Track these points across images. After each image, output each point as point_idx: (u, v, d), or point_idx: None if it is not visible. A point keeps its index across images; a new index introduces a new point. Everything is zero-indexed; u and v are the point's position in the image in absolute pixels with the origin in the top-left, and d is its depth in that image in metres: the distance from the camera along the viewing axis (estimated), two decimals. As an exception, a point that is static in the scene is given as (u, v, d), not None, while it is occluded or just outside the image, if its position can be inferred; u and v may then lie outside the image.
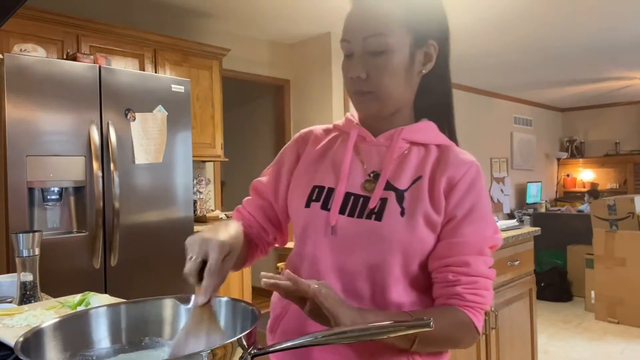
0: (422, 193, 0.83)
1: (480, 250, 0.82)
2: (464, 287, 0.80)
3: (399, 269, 0.82)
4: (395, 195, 0.83)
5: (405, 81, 0.85)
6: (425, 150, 0.88)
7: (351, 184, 0.87)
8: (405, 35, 0.82)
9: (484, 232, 0.83)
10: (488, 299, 0.82)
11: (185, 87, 2.93)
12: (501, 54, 5.29)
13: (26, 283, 1.16)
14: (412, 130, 0.88)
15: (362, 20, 0.83)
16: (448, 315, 0.80)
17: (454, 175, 0.83)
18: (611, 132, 8.70)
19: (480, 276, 0.81)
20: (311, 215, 0.88)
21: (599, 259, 4.36)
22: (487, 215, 0.84)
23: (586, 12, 4.02)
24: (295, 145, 0.99)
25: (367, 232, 0.82)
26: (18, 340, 0.63)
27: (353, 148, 0.90)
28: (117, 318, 0.79)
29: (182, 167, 2.91)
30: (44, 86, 2.41)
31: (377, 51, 0.82)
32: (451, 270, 0.81)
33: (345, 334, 0.68)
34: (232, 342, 0.62)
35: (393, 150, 0.87)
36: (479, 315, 0.82)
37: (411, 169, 0.86)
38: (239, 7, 3.77)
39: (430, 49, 0.86)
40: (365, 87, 0.84)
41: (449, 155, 0.86)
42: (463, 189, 0.83)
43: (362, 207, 0.84)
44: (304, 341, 0.68)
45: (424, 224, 0.81)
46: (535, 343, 2.69)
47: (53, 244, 2.41)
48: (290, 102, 4.79)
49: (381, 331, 0.69)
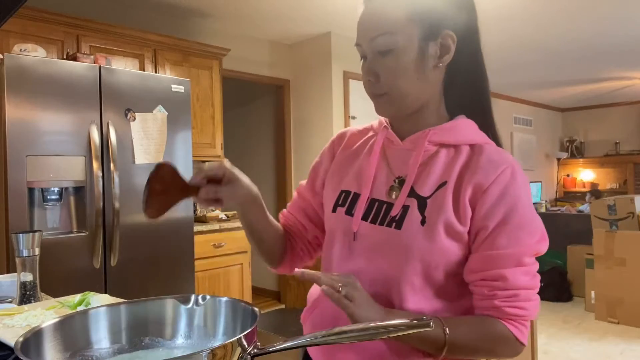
0: (445, 200, 0.78)
1: (519, 261, 0.76)
2: (501, 301, 0.76)
3: (419, 278, 0.79)
4: (417, 202, 0.79)
5: (419, 78, 0.80)
6: (455, 151, 0.82)
7: (377, 189, 0.85)
8: (412, 29, 0.78)
9: (522, 241, 0.76)
10: (531, 310, 0.77)
11: (185, 87, 2.93)
12: (501, 54, 5.29)
13: (26, 283, 1.16)
14: (441, 131, 0.83)
15: (370, 21, 0.80)
16: (484, 326, 0.77)
17: (483, 181, 0.77)
18: (611, 132, 8.70)
19: (520, 288, 0.76)
20: (337, 220, 0.87)
21: (599, 259, 4.36)
22: (526, 222, 0.77)
23: (586, 12, 4.02)
24: (332, 146, 0.99)
25: (387, 240, 0.80)
26: (18, 340, 0.63)
27: (381, 152, 0.87)
28: (117, 318, 0.79)
29: (182, 167, 2.88)
30: (44, 86, 2.41)
31: (385, 50, 0.79)
32: (487, 284, 0.76)
33: (345, 334, 0.68)
34: (232, 342, 0.62)
35: (418, 155, 0.82)
36: (521, 327, 0.77)
37: (437, 173, 0.80)
38: (239, 7, 3.77)
39: (447, 40, 0.80)
40: (378, 89, 0.81)
41: (480, 157, 0.79)
42: (494, 197, 0.76)
43: (384, 214, 0.82)
44: (304, 341, 0.68)
45: (444, 234, 0.77)
46: (535, 343, 2.69)
47: (53, 244, 2.41)
48: (290, 102, 4.79)
49: (381, 331, 0.69)
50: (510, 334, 0.77)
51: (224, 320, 0.79)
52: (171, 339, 0.80)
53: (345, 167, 0.92)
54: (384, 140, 0.88)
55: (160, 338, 0.80)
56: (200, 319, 0.81)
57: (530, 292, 0.77)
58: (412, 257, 0.78)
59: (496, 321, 0.77)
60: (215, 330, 0.80)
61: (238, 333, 0.69)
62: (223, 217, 3.74)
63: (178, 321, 0.81)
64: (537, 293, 0.78)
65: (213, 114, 3.76)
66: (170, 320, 0.81)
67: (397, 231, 0.79)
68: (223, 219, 3.70)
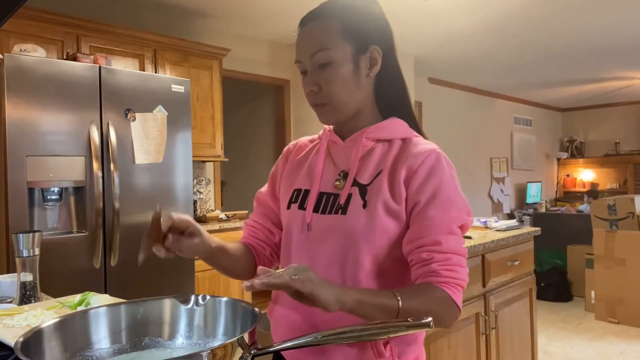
0: (382, 185, 0.90)
1: (450, 229, 0.87)
2: (438, 264, 0.85)
3: (367, 258, 0.89)
4: (359, 190, 0.92)
5: (355, 87, 0.93)
6: (389, 145, 0.95)
7: (325, 184, 0.96)
8: (345, 45, 0.91)
9: (450, 212, 0.88)
10: (462, 275, 0.87)
11: (185, 87, 2.93)
12: (501, 54, 5.29)
13: (26, 283, 1.16)
14: (376, 129, 0.96)
15: (307, 40, 0.92)
16: (427, 292, 0.85)
17: (413, 164, 0.90)
18: (611, 132, 8.70)
19: (453, 253, 0.86)
20: (291, 215, 0.98)
21: (599, 259, 4.36)
22: (452, 197, 0.89)
23: (586, 12, 4.02)
24: (286, 154, 1.10)
25: (335, 225, 0.91)
26: (18, 341, 0.63)
27: (326, 152, 1.00)
28: (117, 318, 0.79)
29: (182, 167, 2.91)
30: (44, 86, 2.41)
31: (324, 64, 0.91)
32: (425, 249, 0.86)
33: (345, 334, 0.69)
34: (232, 342, 0.62)
35: (357, 150, 0.95)
36: (456, 291, 0.86)
37: (374, 164, 0.93)
38: (239, 7, 3.77)
39: (375, 54, 0.94)
40: (319, 99, 0.93)
41: (410, 147, 0.93)
42: (423, 175, 0.88)
43: (332, 204, 0.93)
44: (303, 341, 0.68)
45: (384, 212, 0.88)
46: (535, 343, 2.69)
47: (53, 244, 2.41)
48: (290, 102, 4.79)
49: (381, 331, 0.69)
50: (449, 296, 0.85)
51: (224, 320, 0.79)
52: (171, 339, 0.80)
53: (297, 170, 1.04)
54: (328, 142, 1.01)
55: (160, 338, 0.80)
56: (200, 319, 0.81)
57: (462, 259, 0.88)
58: (358, 237, 0.88)
59: (436, 287, 0.85)
60: (215, 330, 0.80)
61: (238, 333, 0.69)
62: (223, 217, 3.74)
63: (178, 321, 0.81)
64: (465, 262, 0.89)
65: (213, 114, 3.76)
66: (170, 320, 0.81)
67: (343, 216, 0.90)
68: (223, 219, 3.70)
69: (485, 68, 5.95)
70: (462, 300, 0.87)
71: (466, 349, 2.14)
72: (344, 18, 0.92)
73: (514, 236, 2.46)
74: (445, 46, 4.93)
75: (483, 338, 2.24)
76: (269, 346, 0.68)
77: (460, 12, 3.97)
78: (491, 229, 2.58)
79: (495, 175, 7.57)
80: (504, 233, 2.46)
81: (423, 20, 4.16)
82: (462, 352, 2.11)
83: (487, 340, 2.27)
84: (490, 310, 2.27)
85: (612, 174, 8.51)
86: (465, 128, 7.00)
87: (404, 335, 0.86)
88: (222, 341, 0.71)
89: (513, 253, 2.47)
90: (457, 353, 2.08)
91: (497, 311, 2.30)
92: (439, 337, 1.98)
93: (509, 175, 7.83)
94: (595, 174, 8.74)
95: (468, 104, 7.10)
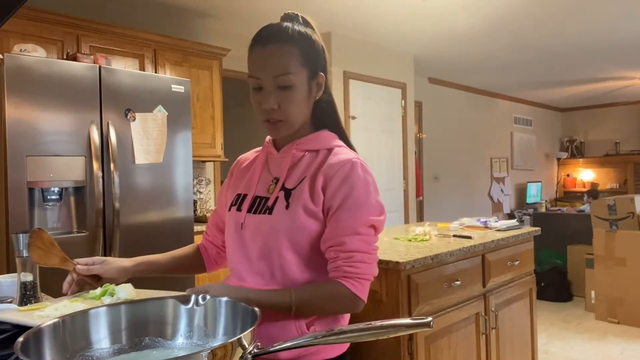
0: (303, 189, 1.02)
1: (355, 230, 0.98)
2: (342, 261, 0.98)
3: (290, 252, 1.01)
4: (284, 193, 1.04)
5: (306, 107, 1.07)
6: (316, 155, 1.08)
7: (260, 188, 1.10)
8: (303, 71, 1.03)
9: (357, 216, 0.99)
10: (364, 270, 0.99)
11: (185, 87, 2.93)
12: (501, 54, 5.29)
13: (26, 283, 1.16)
14: (305, 141, 1.09)
15: (271, 60, 1.01)
16: (325, 288, 0.99)
17: (329, 172, 1.02)
18: (611, 132, 8.70)
19: (355, 251, 0.98)
20: (231, 216, 1.12)
21: (599, 259, 4.36)
22: (361, 202, 1.00)
23: (586, 11, 4.02)
24: (232, 169, 1.25)
25: (262, 223, 1.03)
26: (18, 341, 0.63)
27: (264, 162, 1.14)
28: (117, 318, 0.79)
29: (182, 167, 2.91)
30: (44, 86, 2.41)
31: (285, 86, 1.01)
32: (333, 249, 0.99)
33: (345, 334, 0.69)
34: (232, 342, 0.62)
35: (287, 159, 1.08)
36: (356, 283, 0.98)
37: (300, 171, 1.06)
38: (239, 7, 3.77)
39: (320, 79, 1.07)
40: (277, 116, 1.03)
41: (331, 156, 1.05)
42: (337, 183, 1.00)
43: (262, 206, 1.06)
44: (303, 341, 0.68)
45: (303, 213, 1.00)
46: (535, 343, 2.69)
47: (53, 244, 2.41)
48: (290, 102, 4.78)
49: (381, 331, 0.69)
50: (348, 290, 0.97)
51: (224, 320, 0.79)
52: (171, 339, 0.80)
53: (239, 179, 1.18)
54: (266, 153, 1.15)
55: (161, 338, 0.80)
56: (200, 319, 0.81)
57: (365, 256, 0.99)
58: (280, 234, 1.01)
59: (337, 282, 0.98)
60: (215, 330, 0.80)
61: (238, 333, 0.69)
62: (223, 217, 3.73)
63: (178, 321, 0.81)
64: (373, 258, 1.01)
65: (213, 114, 3.76)
66: (170, 320, 0.81)
67: (269, 216, 1.03)
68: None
69: (485, 68, 5.95)
70: (367, 291, 1.00)
71: (466, 349, 2.14)
72: (302, 45, 1.03)
73: (514, 236, 2.46)
74: (445, 46, 4.93)
75: (483, 338, 2.24)
76: (269, 346, 0.68)
77: (460, 12, 3.97)
78: (491, 229, 2.58)
79: (495, 175, 7.57)
80: (504, 233, 2.46)
81: (423, 20, 4.16)
82: (462, 352, 2.11)
83: (487, 340, 2.27)
84: (490, 310, 2.27)
85: (612, 173, 8.51)
86: (465, 128, 7.00)
87: (329, 317, 1.03)
88: (222, 341, 0.71)
89: (513, 253, 2.47)
90: (457, 353, 2.08)
91: (497, 311, 2.30)
92: (439, 337, 1.98)
93: (509, 175, 7.83)
94: (595, 173, 8.74)
95: (468, 104, 7.10)
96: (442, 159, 6.51)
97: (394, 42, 4.73)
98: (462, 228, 2.64)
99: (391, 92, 5.09)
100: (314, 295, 0.98)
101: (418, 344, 1.85)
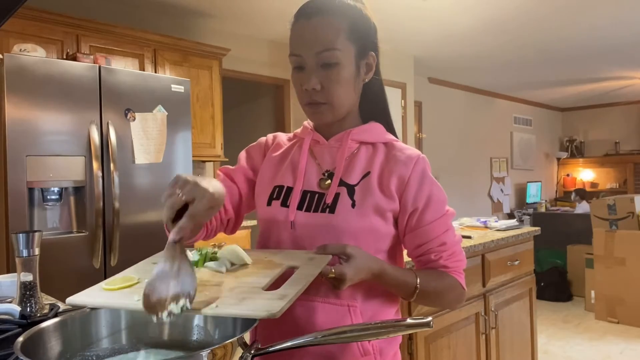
0: (372, 186, 0.92)
1: (447, 227, 0.95)
2: (446, 260, 0.94)
3: None
4: (346, 190, 0.93)
5: (353, 90, 0.94)
6: (373, 148, 0.98)
7: (307, 182, 0.97)
8: (351, 48, 0.91)
9: (442, 211, 0.95)
10: (464, 259, 0.98)
11: (185, 87, 2.93)
12: (501, 54, 5.29)
13: (26, 283, 1.16)
14: (360, 131, 0.98)
15: (314, 35, 0.90)
16: (442, 276, 0.94)
17: (404, 173, 0.93)
18: (611, 132, 8.70)
19: (454, 247, 0.95)
20: (272, 212, 0.97)
21: (599, 258, 4.36)
22: (441, 197, 0.95)
23: (586, 11, 4.02)
24: (262, 146, 1.09)
25: (323, 224, 0.91)
26: (18, 341, 0.64)
27: (308, 151, 1.00)
28: (117, 318, 0.79)
29: (182, 167, 2.91)
30: (44, 86, 2.41)
31: (329, 63, 0.89)
32: (432, 252, 0.94)
33: (345, 334, 0.69)
34: (232, 342, 0.62)
35: (344, 150, 0.96)
36: (461, 275, 0.97)
37: (361, 166, 0.95)
38: (239, 7, 3.77)
39: (370, 60, 0.96)
40: (320, 98, 0.92)
41: (394, 152, 0.96)
42: (416, 184, 0.93)
43: (317, 203, 0.93)
44: (303, 341, 0.68)
45: (373, 213, 0.91)
46: (535, 343, 2.69)
47: (53, 244, 2.41)
48: (290, 102, 4.79)
49: (381, 331, 0.69)
50: (457, 282, 0.96)
51: (224, 320, 0.79)
52: (171, 338, 0.80)
53: (276, 166, 1.02)
54: (310, 141, 1.01)
55: (160, 338, 0.80)
56: (201, 319, 0.81)
57: (459, 245, 0.97)
58: (347, 236, 0.90)
59: (448, 274, 0.95)
60: (216, 331, 0.80)
61: (238, 333, 0.69)
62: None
63: (178, 321, 0.81)
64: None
65: (213, 114, 3.76)
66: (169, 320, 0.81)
67: (332, 215, 0.91)
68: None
69: (485, 68, 5.95)
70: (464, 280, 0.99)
71: (466, 348, 2.14)
72: (350, 18, 0.91)
73: (513, 236, 2.46)
74: (445, 46, 4.92)
75: (483, 338, 2.24)
76: (269, 346, 0.68)
77: (460, 12, 3.97)
78: (491, 229, 2.58)
79: (495, 175, 7.57)
80: (503, 233, 2.46)
81: (423, 20, 4.15)
82: (462, 352, 2.11)
83: (487, 340, 2.27)
84: (490, 310, 2.27)
85: (612, 173, 8.50)
86: (465, 128, 6.99)
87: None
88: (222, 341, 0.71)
89: (513, 253, 2.47)
90: (457, 353, 2.08)
91: (497, 311, 2.30)
92: (439, 337, 1.98)
93: (508, 175, 7.83)
94: (595, 173, 8.73)
95: (468, 103, 7.10)
96: (442, 159, 6.51)
97: (393, 42, 4.73)
98: (462, 228, 2.64)
99: (391, 91, 5.09)
100: (438, 282, 0.93)
101: (418, 343, 1.85)
